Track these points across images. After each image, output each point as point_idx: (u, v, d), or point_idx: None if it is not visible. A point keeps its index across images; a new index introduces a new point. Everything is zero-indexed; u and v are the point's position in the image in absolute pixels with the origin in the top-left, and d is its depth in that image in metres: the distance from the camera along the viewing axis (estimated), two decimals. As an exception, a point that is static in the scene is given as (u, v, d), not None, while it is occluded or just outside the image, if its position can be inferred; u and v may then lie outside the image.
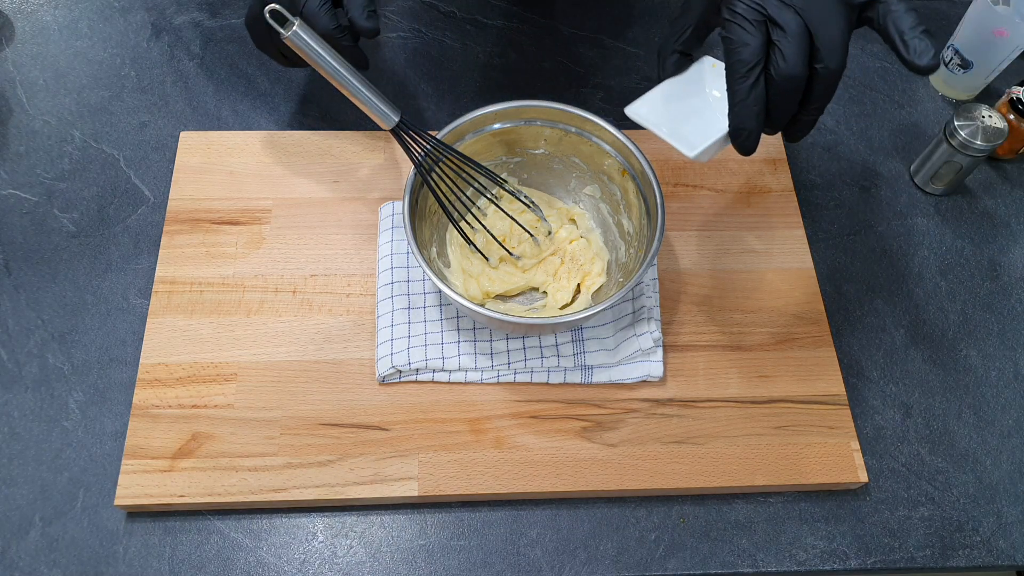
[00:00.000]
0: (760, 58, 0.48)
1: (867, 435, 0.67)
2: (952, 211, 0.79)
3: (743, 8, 0.48)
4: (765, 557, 0.62)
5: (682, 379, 0.67)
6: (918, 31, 0.48)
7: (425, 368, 0.65)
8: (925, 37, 0.48)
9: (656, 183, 0.62)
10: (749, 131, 0.50)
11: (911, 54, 0.48)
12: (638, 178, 0.65)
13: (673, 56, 0.56)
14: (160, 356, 0.65)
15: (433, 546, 0.61)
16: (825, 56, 0.48)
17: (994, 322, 0.73)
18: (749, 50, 0.48)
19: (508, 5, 0.89)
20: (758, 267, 0.72)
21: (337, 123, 0.79)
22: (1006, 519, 0.64)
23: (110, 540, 0.60)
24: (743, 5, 0.49)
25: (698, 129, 0.54)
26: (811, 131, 0.53)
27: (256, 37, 0.67)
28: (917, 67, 0.48)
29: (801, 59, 0.48)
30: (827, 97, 0.50)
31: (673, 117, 0.55)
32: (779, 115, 0.50)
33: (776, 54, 0.48)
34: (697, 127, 0.54)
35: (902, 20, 0.48)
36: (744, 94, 0.49)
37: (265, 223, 0.72)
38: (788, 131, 0.53)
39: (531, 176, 0.73)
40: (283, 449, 0.62)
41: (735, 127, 0.50)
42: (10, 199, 0.73)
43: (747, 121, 0.50)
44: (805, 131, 0.53)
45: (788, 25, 0.48)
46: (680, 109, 0.56)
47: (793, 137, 0.54)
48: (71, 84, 0.81)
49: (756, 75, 0.49)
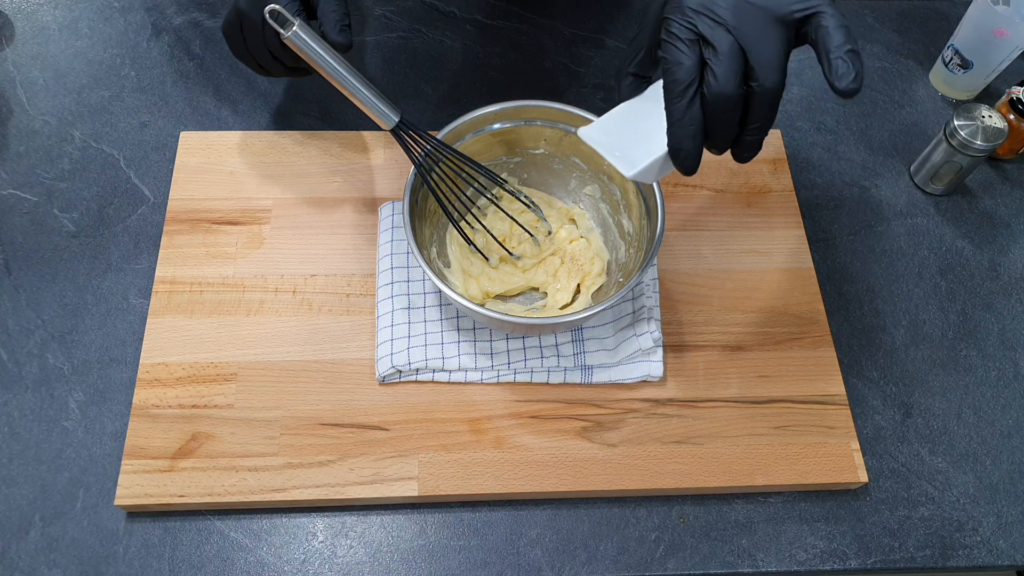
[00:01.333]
0: (694, 77, 0.48)
1: (867, 435, 0.67)
2: (952, 211, 0.79)
3: (677, 28, 0.48)
4: (765, 557, 0.62)
5: (682, 379, 0.67)
6: (843, 51, 0.47)
7: (425, 368, 0.65)
8: (851, 59, 0.47)
9: (656, 183, 0.62)
10: (687, 151, 0.49)
11: (832, 75, 0.47)
12: None
13: (628, 79, 0.55)
14: (160, 356, 0.65)
15: (433, 546, 0.61)
16: (760, 75, 0.47)
17: (994, 322, 0.73)
18: (683, 70, 0.48)
19: (508, 5, 0.89)
20: (758, 267, 0.72)
21: (337, 123, 0.79)
22: (1006, 519, 0.64)
23: (110, 540, 0.60)
24: (677, 25, 0.48)
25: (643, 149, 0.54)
26: (759, 151, 0.52)
27: (233, 44, 0.67)
28: (836, 89, 0.47)
29: (733, 78, 0.47)
30: (767, 116, 0.49)
31: (624, 139, 0.55)
32: (718, 135, 0.50)
33: (708, 74, 0.47)
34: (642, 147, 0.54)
35: (830, 38, 0.47)
36: (680, 114, 0.48)
37: (265, 223, 0.72)
38: (734, 151, 0.53)
39: (531, 176, 0.73)
40: (283, 449, 0.62)
41: (673, 147, 0.50)
42: (10, 199, 0.73)
43: (684, 141, 0.49)
44: (751, 151, 0.52)
45: (719, 44, 0.47)
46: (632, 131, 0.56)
47: (739, 157, 0.53)
48: (71, 84, 0.81)
49: (690, 95, 0.48)
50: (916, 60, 0.89)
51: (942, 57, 0.84)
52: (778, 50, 0.48)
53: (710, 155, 0.52)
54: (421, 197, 0.64)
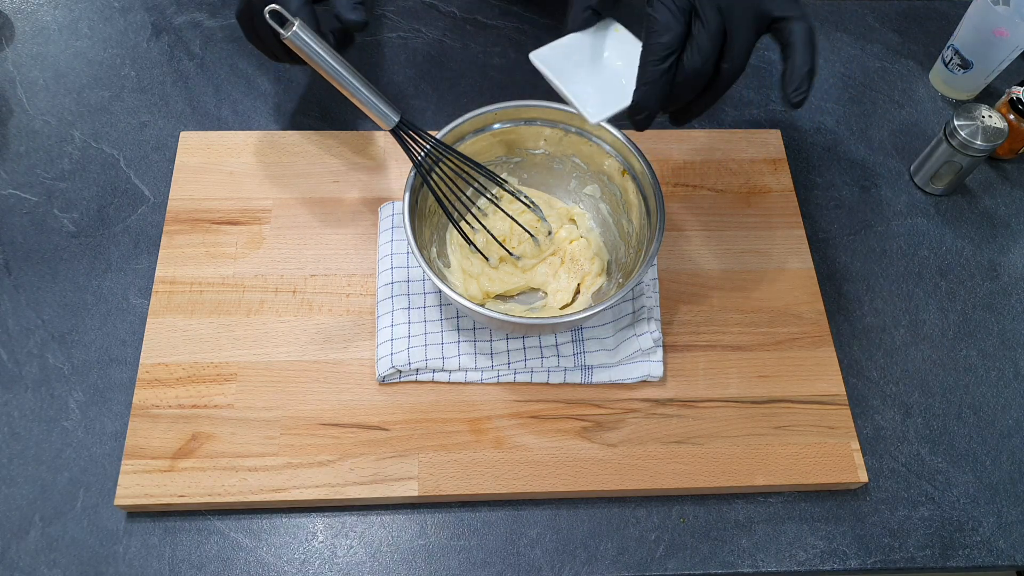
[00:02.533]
0: (678, 46, 0.50)
1: (867, 435, 0.67)
2: (952, 211, 0.79)
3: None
4: (765, 557, 0.62)
5: (682, 379, 0.67)
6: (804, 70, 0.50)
7: (425, 368, 0.65)
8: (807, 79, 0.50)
9: (656, 183, 0.62)
10: (651, 111, 0.52)
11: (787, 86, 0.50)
12: (638, 178, 0.65)
13: (586, 12, 0.57)
14: (160, 356, 0.65)
15: (433, 546, 0.61)
16: (733, 57, 0.50)
17: (994, 322, 0.73)
18: (671, 35, 0.49)
19: (508, 5, 0.89)
20: (758, 267, 0.72)
21: (337, 123, 0.79)
22: (1006, 519, 0.64)
23: (110, 540, 0.60)
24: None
25: (601, 96, 0.56)
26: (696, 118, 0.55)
27: (247, 30, 0.67)
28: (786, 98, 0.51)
29: (713, 56, 0.50)
30: (723, 92, 0.52)
31: (576, 76, 0.57)
32: (677, 101, 0.52)
33: (692, 47, 0.49)
34: (600, 93, 0.56)
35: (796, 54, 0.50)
36: (655, 76, 0.50)
37: (265, 223, 0.72)
38: (677, 115, 0.55)
39: (531, 176, 0.73)
40: (283, 449, 0.62)
41: (638, 104, 0.52)
42: (10, 199, 0.73)
43: (651, 102, 0.51)
44: (691, 118, 0.55)
45: (710, 22, 0.49)
46: (584, 69, 0.57)
47: (680, 121, 0.55)
48: (71, 84, 0.81)
49: (671, 61, 0.50)
50: (916, 60, 0.89)
51: (942, 57, 0.84)
52: (751, 40, 0.51)
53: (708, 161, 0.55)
54: (421, 197, 0.64)
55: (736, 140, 0.79)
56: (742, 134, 0.80)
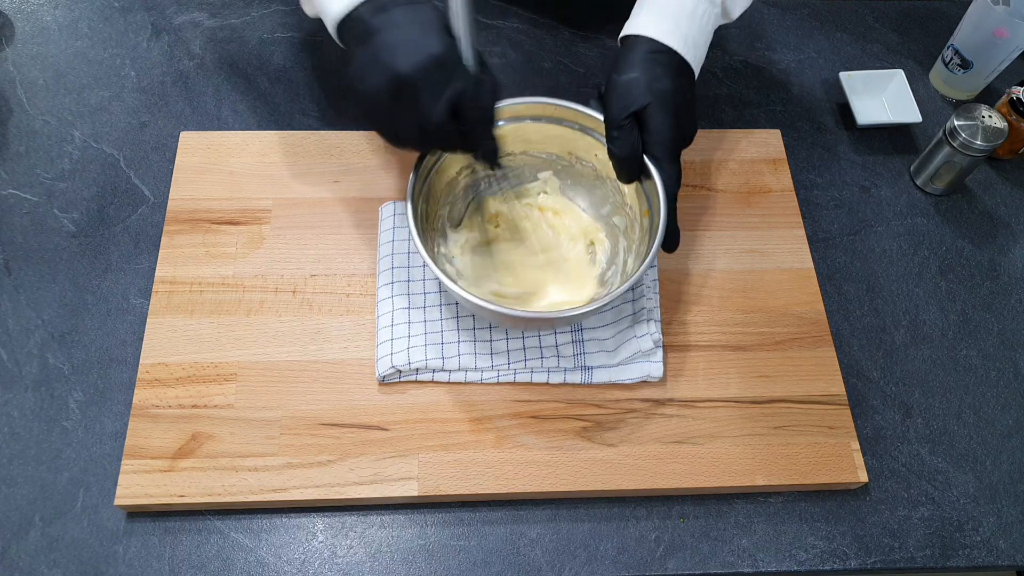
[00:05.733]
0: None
1: (867, 435, 0.67)
2: (952, 211, 0.79)
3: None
4: (765, 557, 0.62)
5: (682, 379, 0.67)
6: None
7: (425, 368, 0.65)
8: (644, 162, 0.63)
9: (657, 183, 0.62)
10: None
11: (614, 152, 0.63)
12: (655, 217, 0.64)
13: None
14: (160, 356, 0.65)
15: (433, 546, 0.61)
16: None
17: (994, 322, 0.73)
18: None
19: (508, 5, 0.89)
20: (758, 267, 0.72)
21: (337, 123, 0.79)
22: (1006, 519, 0.64)
23: (110, 540, 0.60)
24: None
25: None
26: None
27: (441, 142, 0.59)
28: (615, 157, 0.63)
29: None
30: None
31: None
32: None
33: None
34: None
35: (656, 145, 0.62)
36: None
37: (265, 223, 0.72)
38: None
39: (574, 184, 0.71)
40: (283, 449, 0.62)
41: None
42: (10, 199, 0.73)
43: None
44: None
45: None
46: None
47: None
48: (71, 84, 0.81)
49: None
50: (916, 60, 0.89)
51: (942, 57, 0.84)
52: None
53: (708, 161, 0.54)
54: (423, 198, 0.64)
55: (736, 140, 0.79)
56: (742, 134, 0.80)
